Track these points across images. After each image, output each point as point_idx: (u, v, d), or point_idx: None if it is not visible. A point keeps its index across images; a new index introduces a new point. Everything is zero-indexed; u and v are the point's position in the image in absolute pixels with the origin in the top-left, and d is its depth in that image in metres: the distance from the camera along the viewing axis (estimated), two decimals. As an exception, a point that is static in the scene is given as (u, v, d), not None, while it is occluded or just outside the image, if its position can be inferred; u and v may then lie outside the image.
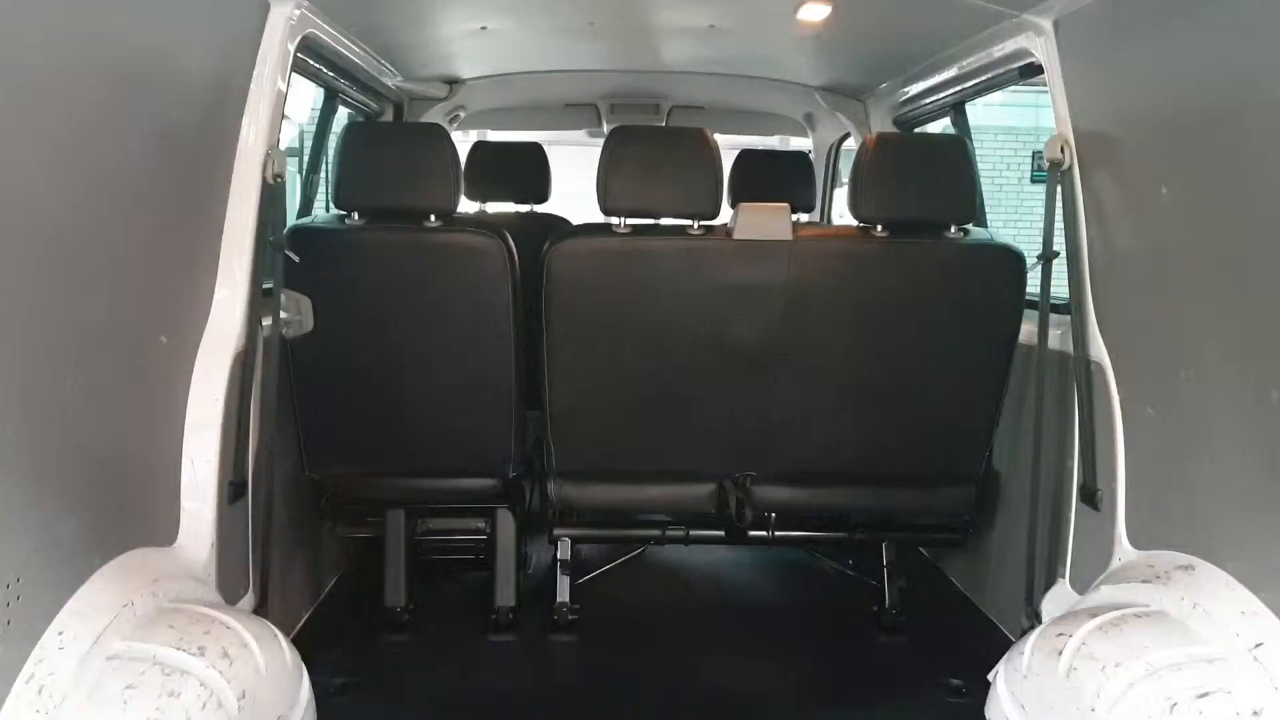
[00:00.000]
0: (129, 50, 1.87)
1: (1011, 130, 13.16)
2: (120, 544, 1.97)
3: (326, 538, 3.21)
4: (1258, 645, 1.81)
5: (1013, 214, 12.93)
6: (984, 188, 3.47)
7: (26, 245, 1.63)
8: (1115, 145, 2.34)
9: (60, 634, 1.69)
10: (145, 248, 2.07)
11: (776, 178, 3.73)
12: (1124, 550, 2.35)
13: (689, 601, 3.30)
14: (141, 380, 2.12)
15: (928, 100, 3.54)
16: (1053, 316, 2.65)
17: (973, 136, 3.50)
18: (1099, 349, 2.47)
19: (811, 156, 4.58)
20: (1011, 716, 2.29)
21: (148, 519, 2.14)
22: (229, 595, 2.37)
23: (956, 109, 3.46)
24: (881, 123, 3.94)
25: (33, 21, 1.55)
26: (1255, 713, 1.74)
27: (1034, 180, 13.58)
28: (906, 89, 3.60)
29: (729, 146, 3.85)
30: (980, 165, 3.35)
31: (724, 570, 3.51)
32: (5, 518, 1.60)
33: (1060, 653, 2.13)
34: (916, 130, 3.82)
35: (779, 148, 4.51)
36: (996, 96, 3.81)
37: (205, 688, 1.82)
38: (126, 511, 2.04)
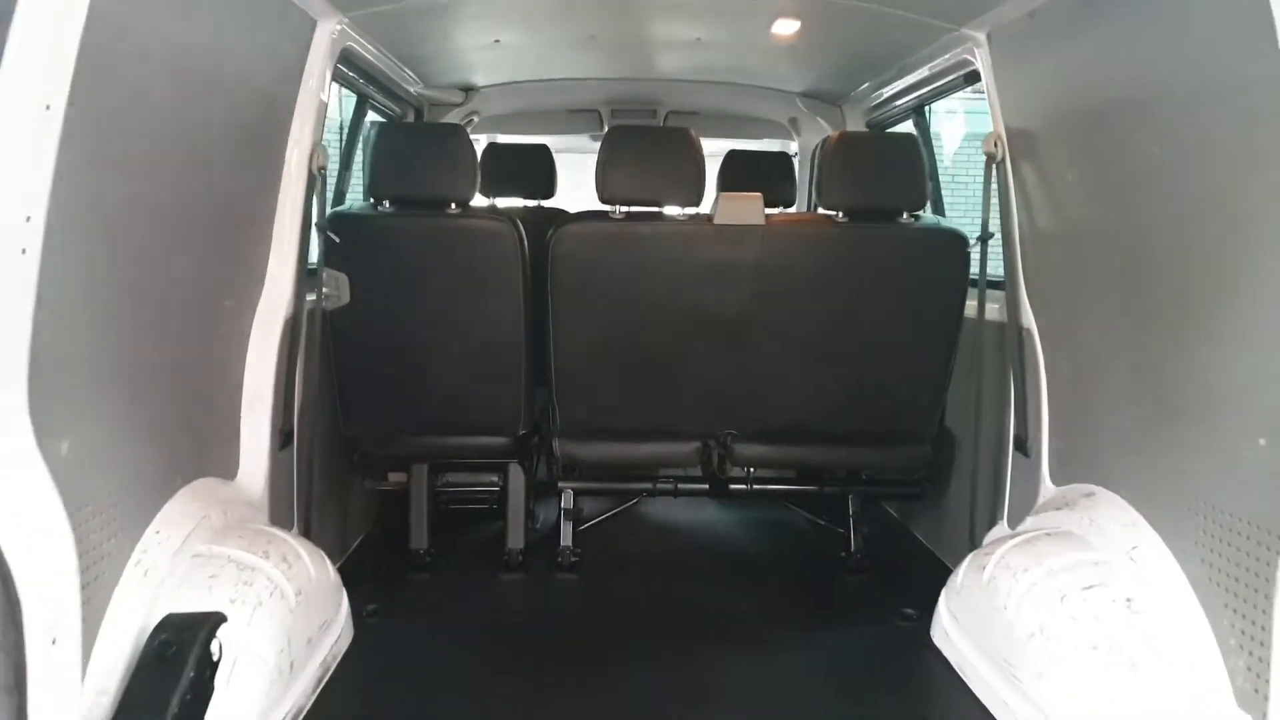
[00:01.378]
0: (206, 63, 2.27)
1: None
2: (195, 472, 2.37)
3: (357, 493, 3.60)
4: (1134, 548, 2.19)
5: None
6: (973, 185, 3.83)
7: (132, 223, 2.02)
8: (1038, 140, 2.73)
9: (157, 533, 2.10)
10: (216, 226, 2.48)
11: (759, 174, 4.12)
12: (1046, 488, 2.74)
13: (677, 548, 3.70)
14: (210, 338, 2.53)
15: (894, 104, 3.94)
16: (995, 292, 3.05)
17: (965, 138, 3.88)
18: (1028, 317, 2.85)
19: (796, 159, 4.98)
20: (948, 629, 2.69)
21: (215, 454, 2.54)
22: (278, 526, 2.77)
23: (918, 112, 3.86)
24: (856, 124, 4.34)
25: (138, 41, 1.95)
26: (1128, 599, 2.13)
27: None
28: (876, 94, 4.00)
29: (718, 151, 4.28)
30: (973, 164, 3.70)
31: (709, 522, 3.92)
32: (115, 444, 1.99)
33: (984, 568, 2.52)
34: (887, 130, 4.22)
35: (764, 149, 4.90)
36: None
37: (271, 582, 2.23)
38: (199, 446, 2.44)
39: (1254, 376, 1.79)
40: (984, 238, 2.93)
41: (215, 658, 1.92)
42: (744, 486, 3.44)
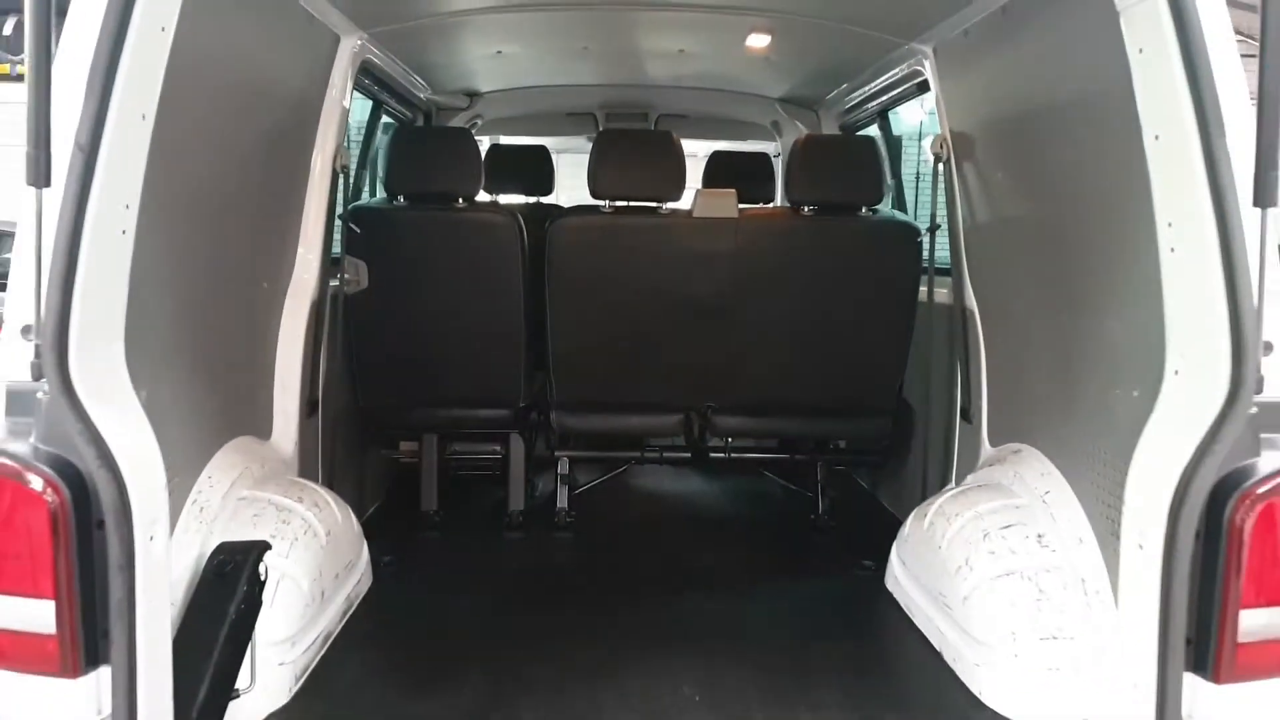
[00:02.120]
0: (247, 75, 2.62)
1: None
2: (237, 429, 2.72)
3: (371, 464, 3.96)
4: (1046, 493, 2.55)
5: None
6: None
7: (189, 213, 2.37)
8: (976, 143, 3.09)
9: (209, 478, 2.45)
10: (254, 218, 2.84)
11: (741, 173, 4.48)
12: (985, 449, 3.09)
13: (662, 511, 4.07)
14: (250, 313, 2.90)
15: (862, 109, 4.30)
16: (945, 277, 3.41)
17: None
18: (971, 300, 3.21)
19: (780, 159, 5.35)
20: (898, 574, 3.04)
21: (253, 416, 2.90)
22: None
23: (882, 116, 4.22)
24: (831, 127, 4.71)
25: (196, 59, 2.29)
26: (1039, 535, 2.48)
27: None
28: (846, 100, 4.36)
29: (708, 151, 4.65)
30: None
31: (692, 489, 4.29)
32: (177, 400, 2.34)
33: (925, 517, 2.88)
34: (856, 133, 4.58)
35: (748, 149, 5.26)
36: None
37: (305, 522, 2.59)
38: (240, 409, 2.79)
39: (1129, 341, 2.15)
40: (932, 229, 3.30)
41: (262, 578, 2.28)
42: (723, 455, 3.81)
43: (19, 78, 10.47)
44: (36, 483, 1.57)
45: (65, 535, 1.57)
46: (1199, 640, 1.65)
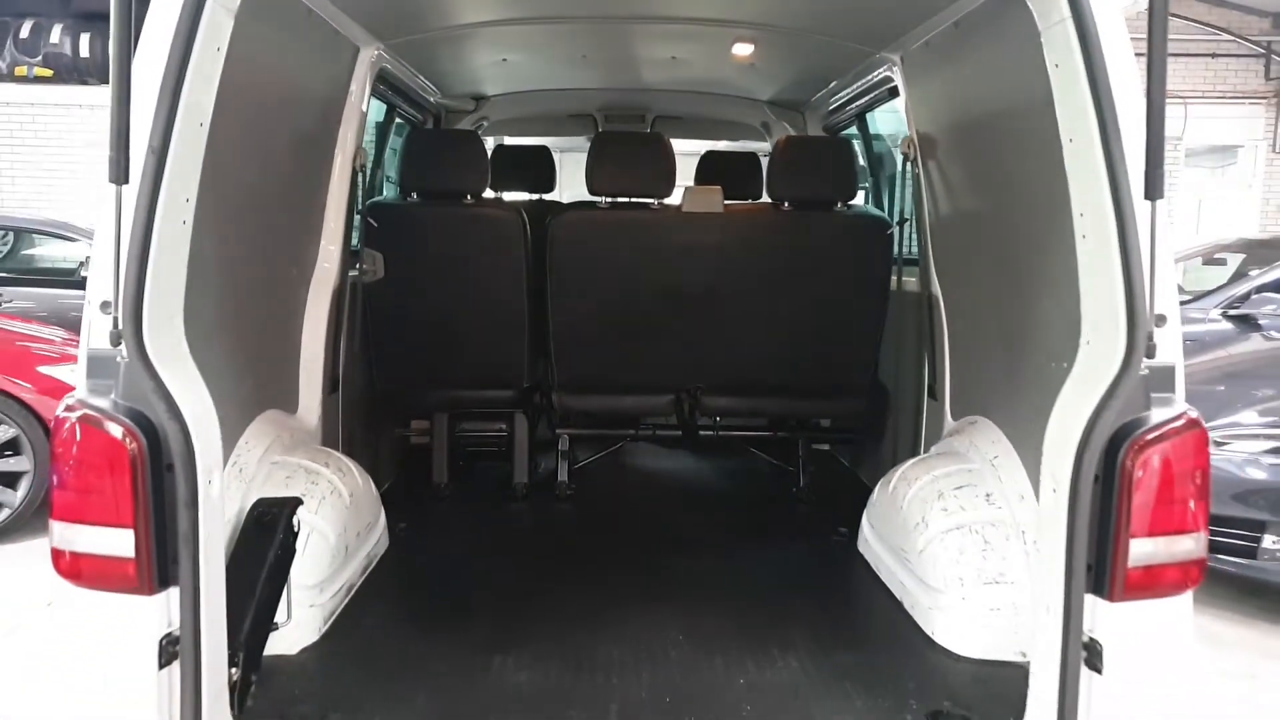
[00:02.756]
0: (277, 83, 2.92)
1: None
2: (268, 403, 3.02)
3: (385, 444, 4.27)
4: (995, 458, 2.85)
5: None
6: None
7: (231, 207, 2.68)
8: (939, 144, 3.38)
9: (246, 444, 2.76)
10: (284, 212, 3.15)
11: (730, 172, 4.78)
12: (948, 423, 3.39)
13: (655, 485, 4.38)
14: (280, 299, 3.20)
15: (843, 112, 4.60)
16: (915, 268, 3.71)
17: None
18: (935, 287, 3.51)
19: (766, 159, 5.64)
20: (868, 536, 3.34)
21: (281, 391, 3.20)
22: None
23: (860, 118, 4.52)
24: (816, 128, 5.00)
25: (238, 69, 2.59)
26: (987, 495, 2.78)
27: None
28: (828, 103, 4.66)
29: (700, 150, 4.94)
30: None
31: (683, 466, 4.60)
32: (220, 371, 2.64)
33: (890, 483, 3.18)
34: (838, 134, 4.88)
35: (740, 149, 5.56)
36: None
37: (331, 484, 2.90)
38: (271, 383, 3.10)
39: (1058, 319, 2.43)
40: (900, 222, 3.59)
41: (295, 530, 2.59)
42: (711, 433, 4.11)
43: (36, 79, 10.80)
44: (118, 431, 1.88)
45: (142, 475, 1.88)
46: (1097, 566, 1.95)
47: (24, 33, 12.91)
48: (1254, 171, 15.08)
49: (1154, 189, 1.91)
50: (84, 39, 12.95)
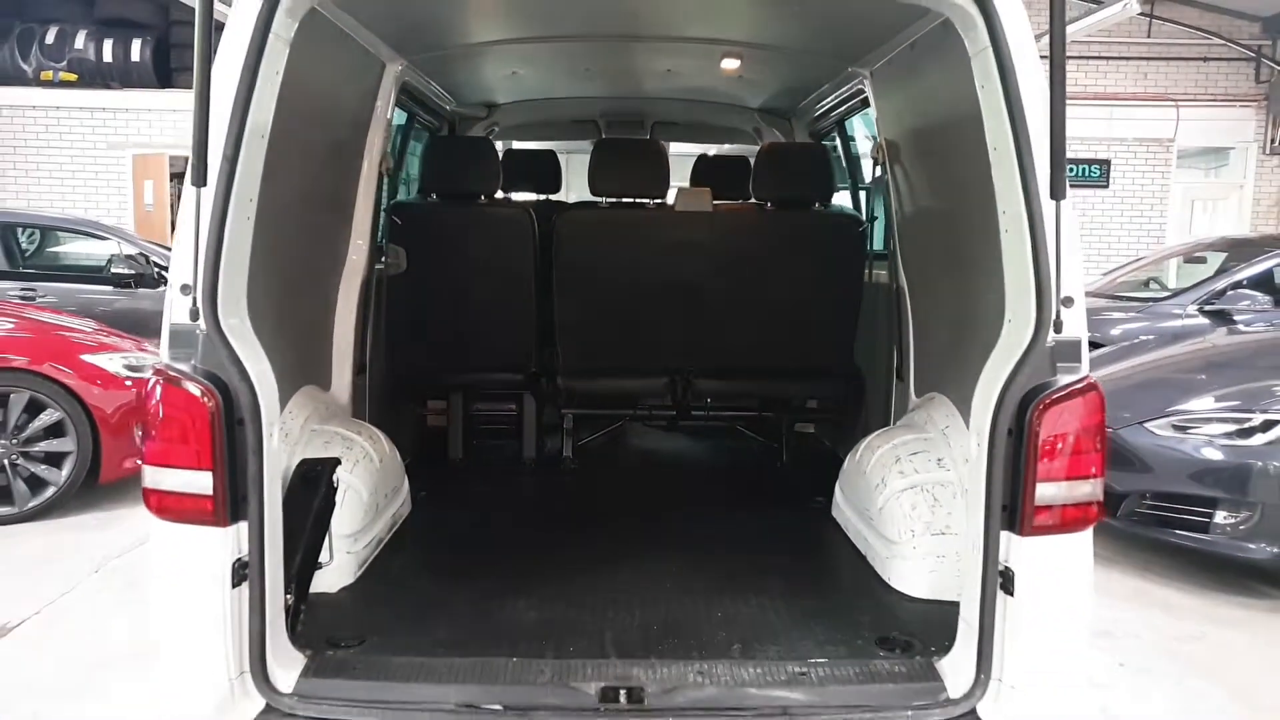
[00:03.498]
0: (317, 97, 3.31)
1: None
2: (306, 379, 3.42)
3: (405, 426, 4.66)
4: (946, 427, 3.23)
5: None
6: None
7: (279, 207, 3.08)
8: (903, 150, 3.77)
9: (290, 412, 3.14)
10: (319, 211, 3.55)
11: (722, 174, 5.18)
12: (912, 400, 3.78)
13: (651, 461, 4.79)
14: (316, 288, 3.60)
15: (826, 119, 4.99)
16: (884, 261, 4.10)
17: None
18: (902, 278, 3.89)
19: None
20: (840, 502, 3.73)
21: (317, 370, 3.60)
22: (359, 423, 3.83)
23: (840, 125, 4.91)
24: (802, 134, 5.39)
25: (284, 87, 2.99)
26: (939, 459, 3.16)
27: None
28: (812, 111, 5.05)
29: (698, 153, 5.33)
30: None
31: (677, 445, 5.01)
32: (269, 347, 3.04)
33: (858, 452, 3.57)
34: (824, 139, 5.27)
35: (733, 153, 5.97)
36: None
37: (363, 449, 3.30)
38: (309, 362, 3.49)
39: (991, 303, 2.80)
40: (871, 220, 3.99)
41: (335, 486, 2.98)
42: (703, 413, 4.51)
43: (61, 83, 11.29)
44: (199, 391, 2.27)
45: (218, 427, 2.27)
46: (1010, 506, 2.33)
47: (50, 39, 13.38)
48: (1245, 172, 15.43)
49: (1058, 190, 2.29)
50: (107, 45, 13.42)
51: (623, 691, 2.34)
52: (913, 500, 3.09)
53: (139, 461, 6.38)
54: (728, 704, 2.34)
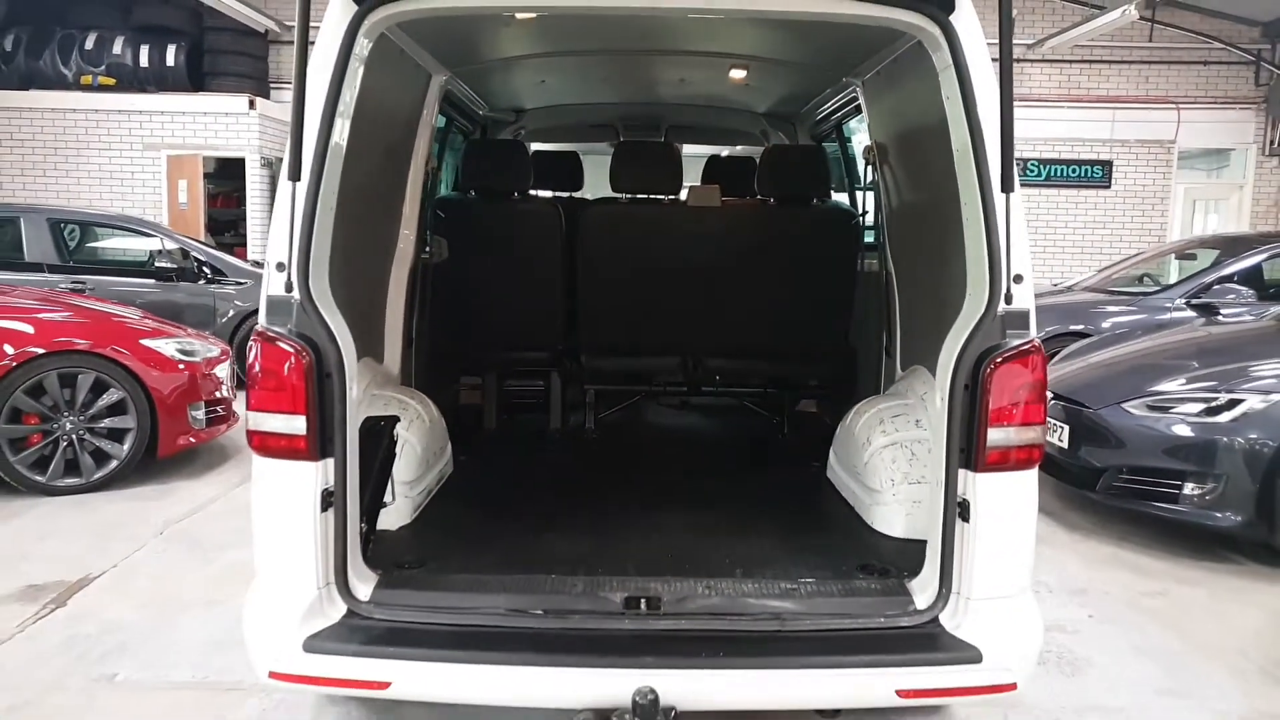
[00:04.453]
0: (378, 106, 3.79)
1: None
2: (365, 351, 3.89)
3: (444, 397, 5.15)
4: (924, 394, 3.69)
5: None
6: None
7: (349, 200, 3.55)
8: (889, 150, 4.24)
9: (359, 374, 3.64)
10: (379, 203, 4.04)
11: (730, 173, 5.65)
12: (898, 373, 4.24)
13: (665, 432, 5.28)
14: (374, 272, 4.10)
15: (826, 123, 5.46)
16: (875, 252, 4.57)
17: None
18: (890, 266, 4.36)
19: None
20: (833, 463, 4.19)
21: (373, 344, 4.09)
22: (408, 393, 4.32)
23: (838, 129, 5.38)
24: (805, 136, 5.86)
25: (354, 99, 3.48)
26: (916, 420, 3.62)
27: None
28: (813, 115, 5.52)
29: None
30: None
31: (689, 419, 5.50)
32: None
33: (848, 418, 4.04)
34: (824, 141, 5.74)
35: (741, 154, 6.45)
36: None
37: (416, 411, 3.79)
38: (367, 336, 3.97)
39: (958, 283, 3.26)
40: (863, 214, 4.46)
41: (394, 439, 3.47)
42: (712, 389, 4.99)
43: (100, 88, 11.85)
44: (296, 349, 2.75)
45: (311, 380, 2.75)
46: (967, 448, 2.78)
47: (89, 44, 13.96)
48: (1245, 173, 15.79)
49: (1007, 184, 2.75)
50: (144, 50, 13.99)
51: (643, 600, 2.82)
52: (893, 455, 3.56)
53: (191, 440, 6.92)
54: (730, 611, 2.82)
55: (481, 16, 3.67)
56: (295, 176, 2.73)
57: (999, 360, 2.76)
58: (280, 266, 2.79)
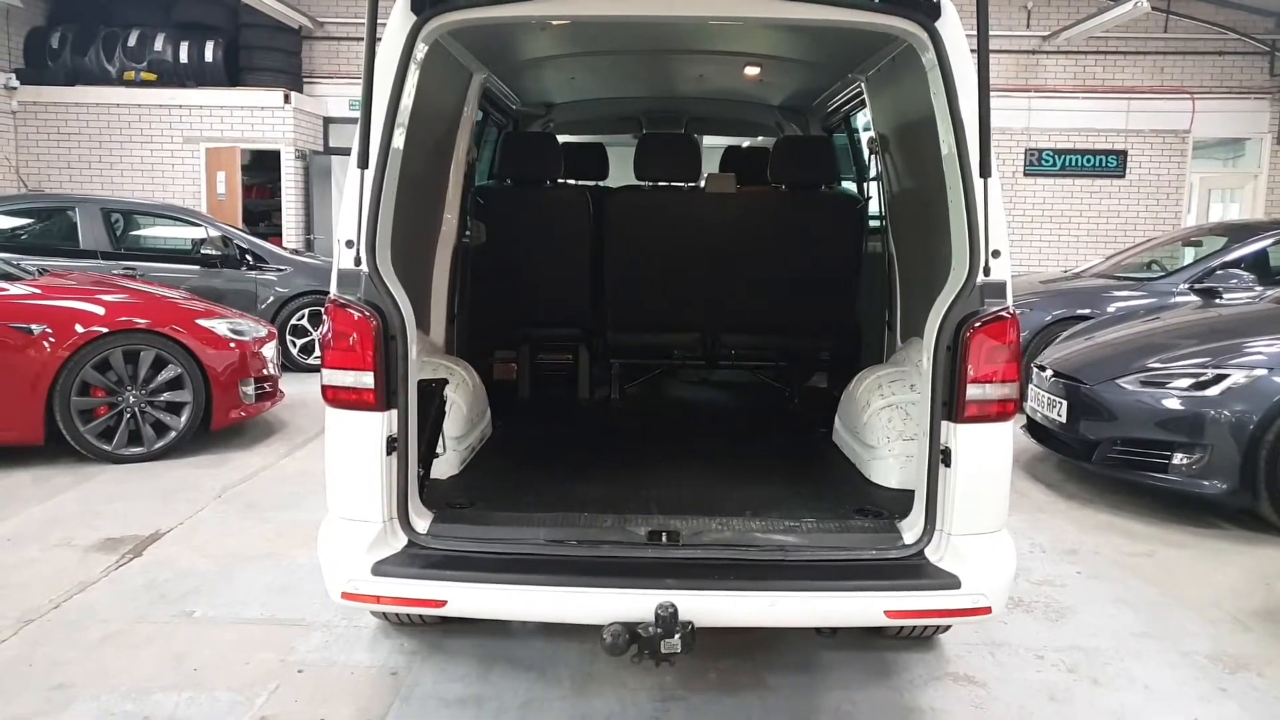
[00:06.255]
0: (428, 103, 4.21)
1: (1005, 129, 15.19)
2: (417, 324, 4.35)
3: (480, 370, 5.59)
4: (919, 362, 4.05)
5: (1008, 201, 14.95)
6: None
7: (405, 187, 3.98)
8: (890, 141, 4.61)
9: (409, 342, 4.08)
10: (426, 190, 4.46)
11: (746, 162, 6.05)
12: (898, 345, 4.63)
13: (685, 401, 5.70)
14: (423, 252, 4.53)
15: (835, 115, 5.83)
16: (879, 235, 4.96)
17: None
18: (892, 248, 4.74)
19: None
20: (838, 427, 4.58)
21: (422, 317, 4.49)
22: (450, 365, 4.76)
23: (847, 120, 5.76)
24: (816, 128, 6.23)
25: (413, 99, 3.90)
26: (911, 385, 4.00)
27: (1026, 174, 15.67)
28: (825, 108, 5.90)
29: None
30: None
31: (706, 390, 5.92)
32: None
33: (850, 386, 4.43)
34: (835, 132, 6.12)
35: (757, 145, 6.85)
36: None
37: (462, 376, 4.22)
38: (418, 310, 4.37)
39: (946, 259, 3.64)
40: (867, 199, 4.85)
41: (444, 399, 3.90)
42: (728, 363, 5.40)
43: (143, 83, 12.40)
44: (365, 314, 3.18)
45: (377, 341, 3.17)
46: (949, 402, 3.17)
47: (131, 41, 14.52)
48: (1260, 162, 15.97)
49: (985, 170, 3.13)
50: (184, 46, 14.52)
51: (664, 534, 3.24)
52: (889, 415, 3.96)
53: (242, 414, 7.43)
54: (740, 543, 3.23)
55: (520, 24, 4.08)
56: (364, 165, 3.14)
57: (977, 325, 3.14)
58: (350, 244, 3.21)
